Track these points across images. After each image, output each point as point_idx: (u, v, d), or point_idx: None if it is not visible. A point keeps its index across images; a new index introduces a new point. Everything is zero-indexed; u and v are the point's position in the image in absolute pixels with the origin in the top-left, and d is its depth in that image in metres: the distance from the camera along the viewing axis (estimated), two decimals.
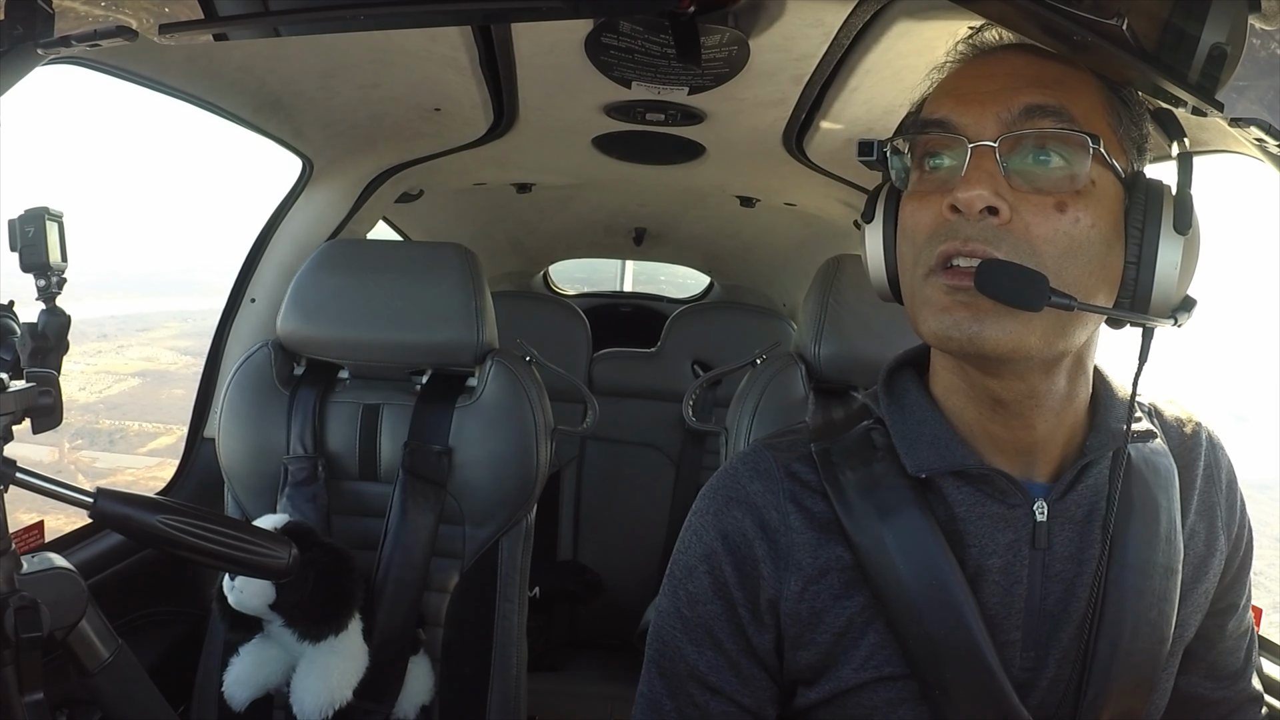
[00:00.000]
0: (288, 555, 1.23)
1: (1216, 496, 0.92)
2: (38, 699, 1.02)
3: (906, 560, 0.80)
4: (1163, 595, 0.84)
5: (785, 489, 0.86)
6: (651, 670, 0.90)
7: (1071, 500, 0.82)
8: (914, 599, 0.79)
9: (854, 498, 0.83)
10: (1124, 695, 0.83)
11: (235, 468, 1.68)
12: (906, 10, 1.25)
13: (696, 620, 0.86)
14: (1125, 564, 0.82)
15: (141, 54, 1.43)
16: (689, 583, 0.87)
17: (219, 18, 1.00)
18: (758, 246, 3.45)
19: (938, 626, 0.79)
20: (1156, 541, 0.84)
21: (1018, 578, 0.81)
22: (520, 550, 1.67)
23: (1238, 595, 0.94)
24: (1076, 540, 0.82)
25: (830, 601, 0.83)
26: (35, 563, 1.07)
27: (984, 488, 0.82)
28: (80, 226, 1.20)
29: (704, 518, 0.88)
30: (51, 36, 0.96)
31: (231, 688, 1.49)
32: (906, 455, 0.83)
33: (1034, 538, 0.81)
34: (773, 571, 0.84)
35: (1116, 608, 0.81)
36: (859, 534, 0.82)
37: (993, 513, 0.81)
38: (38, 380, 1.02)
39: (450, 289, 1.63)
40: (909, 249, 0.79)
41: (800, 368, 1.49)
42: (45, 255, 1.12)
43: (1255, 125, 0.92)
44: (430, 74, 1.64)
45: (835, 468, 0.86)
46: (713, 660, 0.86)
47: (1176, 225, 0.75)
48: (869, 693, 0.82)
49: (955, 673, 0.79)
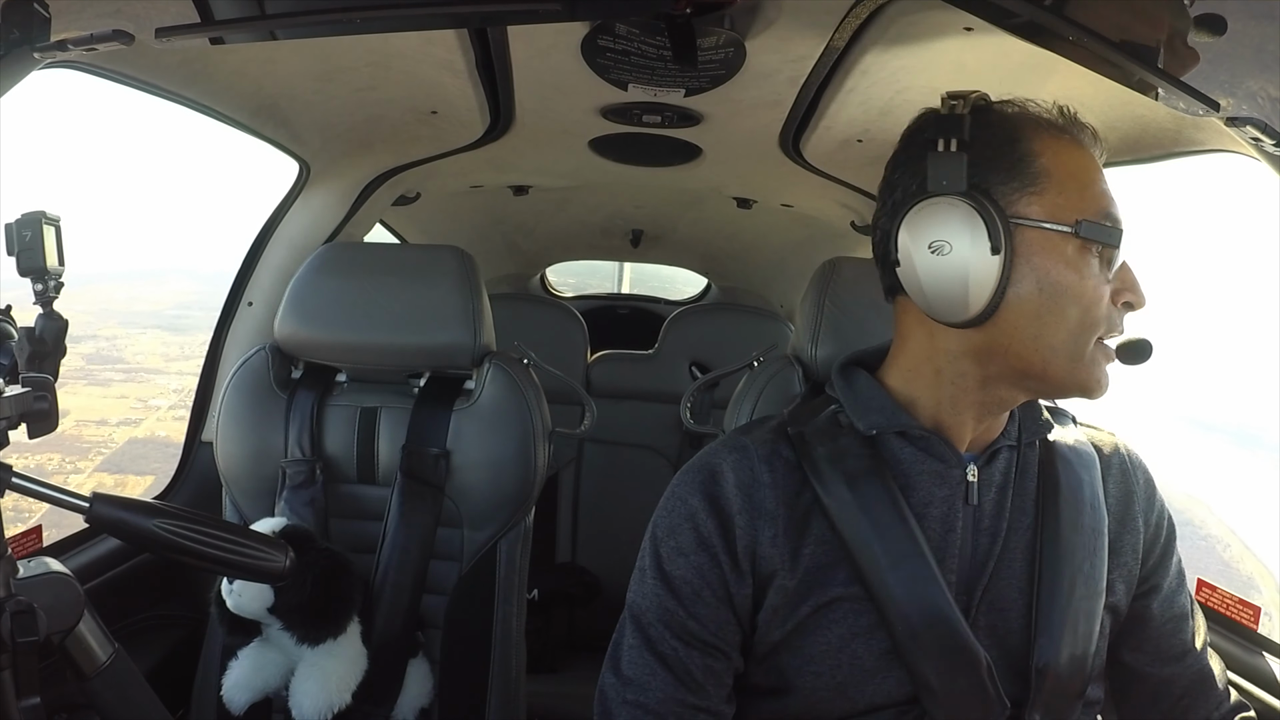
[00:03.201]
0: (284, 558, 1.23)
1: (1134, 487, 1.07)
2: (34, 704, 1.01)
3: (869, 516, 0.93)
4: (1094, 551, 0.99)
5: (760, 456, 0.99)
6: (628, 629, 0.99)
7: (994, 468, 0.98)
8: (874, 545, 0.92)
9: (824, 468, 0.97)
10: (1070, 643, 0.95)
11: (233, 471, 1.67)
12: (902, 11, 1.25)
13: (678, 573, 0.96)
14: (1058, 525, 0.98)
15: (138, 58, 1.43)
16: (672, 539, 0.98)
17: (215, 21, 1.00)
18: (755, 248, 3.45)
19: (895, 567, 0.92)
20: (1083, 507, 0.99)
21: (952, 526, 0.95)
22: (519, 552, 1.67)
23: (1161, 578, 1.06)
24: (999, 501, 0.98)
25: (795, 549, 0.95)
26: (31, 567, 1.06)
27: (924, 447, 0.97)
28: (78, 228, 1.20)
29: (686, 487, 0.99)
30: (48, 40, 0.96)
31: (230, 692, 1.49)
32: (859, 419, 0.99)
33: (966, 495, 0.96)
34: (748, 522, 0.95)
35: (1054, 560, 0.96)
36: (828, 496, 0.95)
37: (932, 469, 0.96)
38: (34, 385, 1.02)
39: (447, 292, 1.63)
40: (1076, 313, 0.88)
41: (797, 370, 1.49)
42: (42, 259, 1.11)
43: (1251, 125, 0.92)
44: (426, 77, 1.65)
45: (809, 445, 0.99)
46: (693, 609, 0.95)
47: None
48: (826, 625, 0.94)
49: (915, 607, 0.91)
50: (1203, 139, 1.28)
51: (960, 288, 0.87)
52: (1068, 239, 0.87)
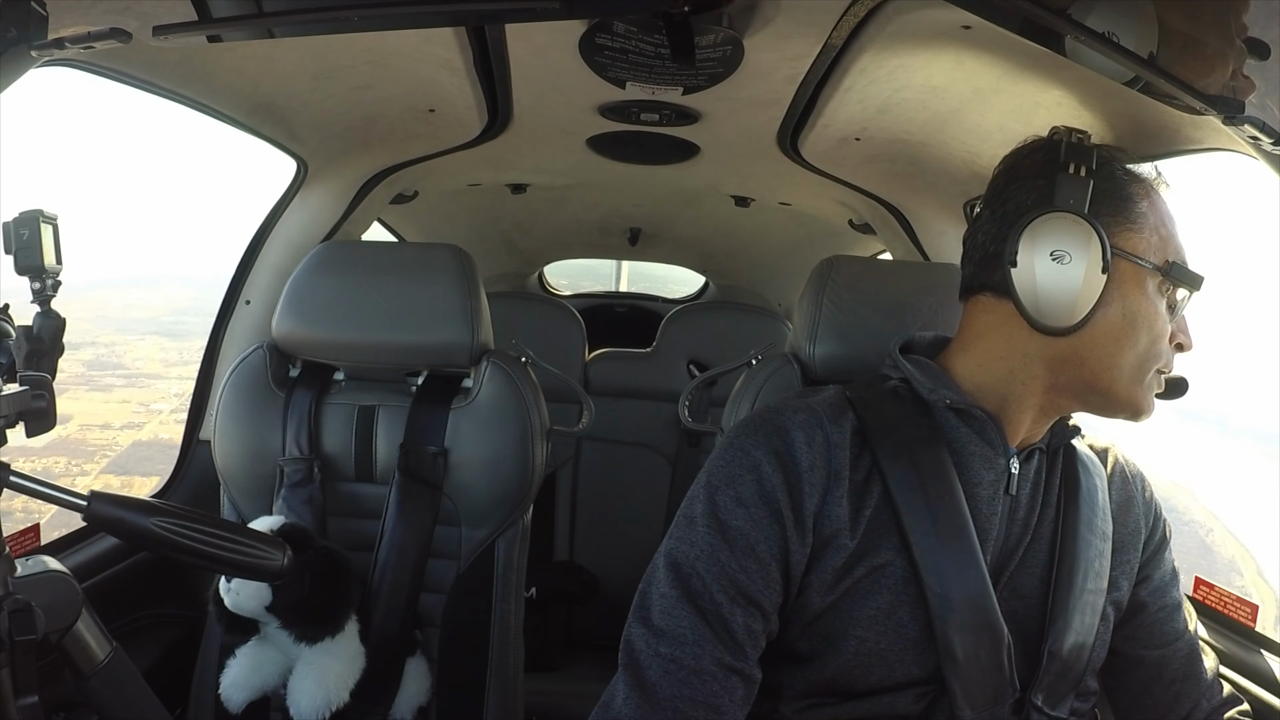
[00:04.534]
0: (282, 557, 1.23)
1: (1134, 491, 1.16)
2: (32, 702, 1.01)
3: (926, 482, 0.98)
4: (1101, 552, 1.07)
5: (829, 417, 1.02)
6: (662, 577, 0.97)
7: (1029, 467, 1.05)
8: (927, 513, 0.97)
9: (885, 434, 1.01)
10: (1079, 629, 1.03)
11: (231, 470, 1.67)
12: (900, 9, 1.25)
13: (735, 524, 0.96)
14: (1076, 523, 1.05)
15: (135, 56, 1.43)
16: (730, 489, 0.97)
17: (212, 19, 1.00)
18: (753, 246, 3.45)
19: (946, 534, 0.97)
20: (1096, 510, 1.08)
21: (994, 510, 1.02)
22: (516, 551, 1.67)
23: (1153, 569, 1.14)
24: (1032, 496, 1.05)
25: (856, 511, 0.98)
26: (30, 565, 1.06)
27: (979, 430, 1.02)
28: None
29: (750, 439, 1.00)
30: (45, 39, 0.96)
31: (228, 690, 1.49)
32: (929, 391, 1.03)
33: (1008, 484, 1.03)
34: (820, 479, 0.97)
35: (1071, 555, 1.04)
36: (887, 460, 1.00)
37: (982, 452, 1.02)
38: (32, 384, 1.02)
39: (445, 290, 1.63)
40: (1147, 341, 0.98)
41: (796, 367, 1.49)
42: (40, 258, 1.12)
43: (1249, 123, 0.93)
44: (424, 75, 1.64)
45: (869, 407, 1.04)
46: (745, 563, 0.95)
47: None
48: (875, 590, 0.97)
49: (956, 578, 0.96)
50: (1201, 138, 1.28)
51: (1069, 296, 0.95)
52: (1153, 276, 0.98)
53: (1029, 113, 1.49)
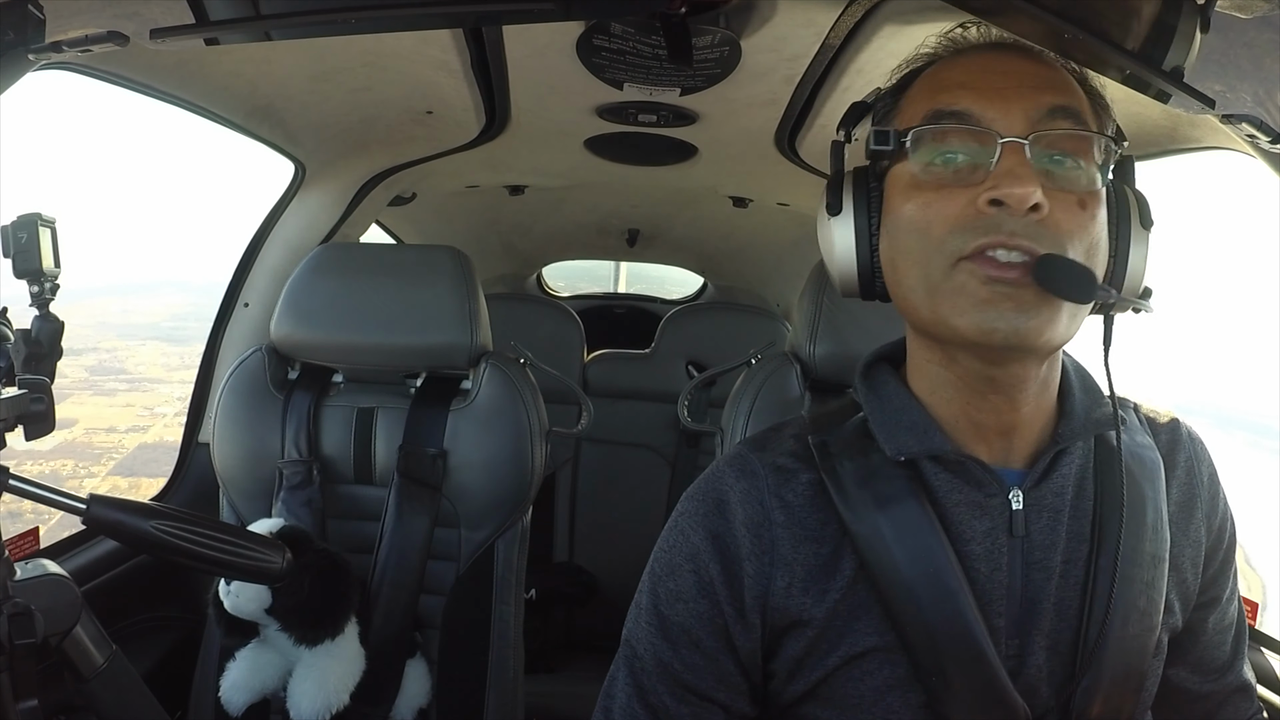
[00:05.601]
0: (281, 559, 1.23)
1: (1198, 489, 0.93)
2: (32, 706, 1.01)
3: (904, 548, 0.81)
4: (1151, 583, 0.85)
5: (770, 486, 0.87)
6: (622, 671, 0.90)
7: (1047, 489, 0.84)
8: (911, 585, 0.80)
9: (852, 487, 0.84)
10: (1116, 683, 0.84)
11: (230, 472, 1.67)
12: (898, 9, 1.25)
13: (675, 619, 0.87)
14: (1116, 555, 0.83)
15: (133, 59, 1.43)
16: (670, 581, 0.88)
17: (210, 22, 1.00)
18: (751, 247, 3.45)
19: (934, 612, 0.80)
20: (1144, 530, 0.85)
21: (998, 564, 0.82)
22: (516, 552, 1.67)
23: (1221, 588, 0.95)
24: (1055, 528, 0.84)
25: (820, 595, 0.84)
26: (29, 569, 1.06)
27: (960, 474, 0.83)
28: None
29: (690, 519, 0.89)
30: (43, 42, 0.96)
31: (228, 693, 1.49)
32: (886, 441, 0.85)
33: (1011, 526, 0.83)
34: (758, 569, 0.85)
35: (1104, 596, 0.82)
36: (857, 523, 0.83)
37: (970, 499, 0.83)
38: (30, 387, 1.02)
39: (444, 292, 1.63)
40: (917, 242, 0.79)
41: (795, 367, 1.49)
42: (38, 261, 1.12)
43: (1247, 122, 0.93)
44: (422, 77, 1.64)
45: (833, 458, 0.87)
46: (689, 659, 0.86)
47: (1142, 221, 0.82)
48: (858, 677, 0.83)
49: (952, 657, 0.79)
50: (1199, 136, 1.28)
51: (840, 249, 0.91)
52: (904, 164, 0.83)
53: None
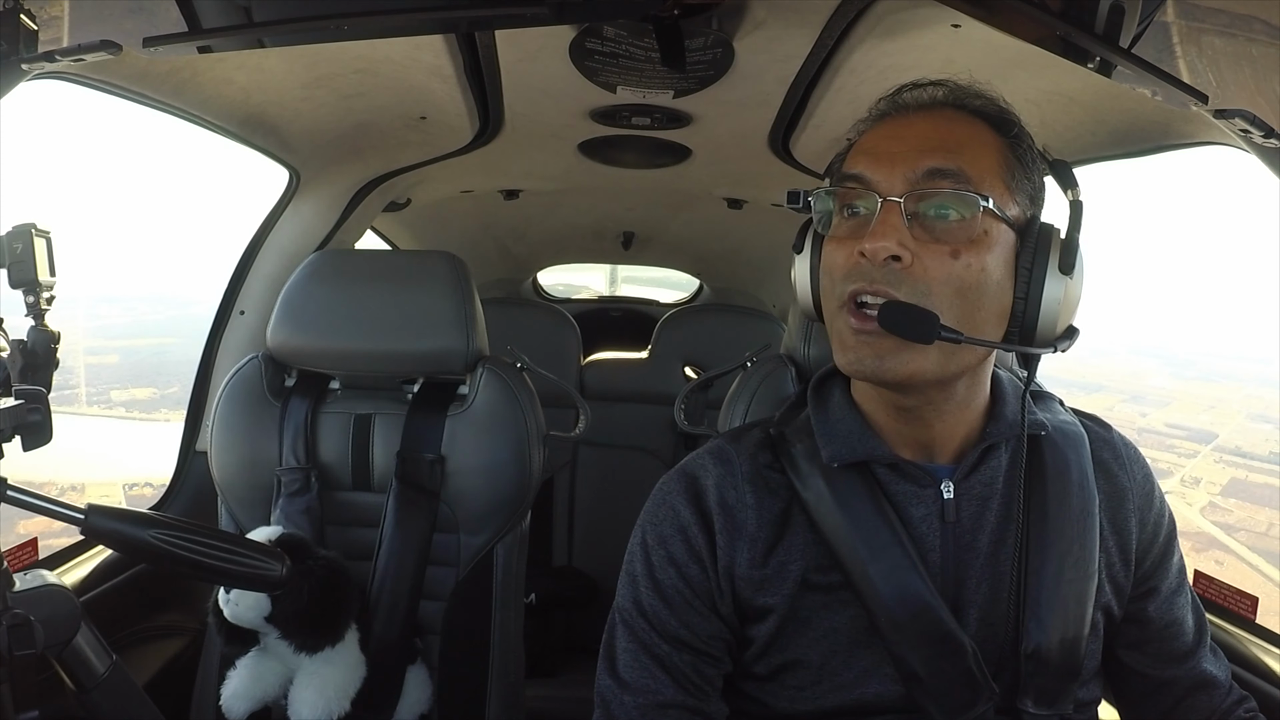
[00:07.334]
0: (281, 567, 1.23)
1: (1130, 485, 1.04)
2: (32, 717, 1.01)
3: (846, 507, 0.95)
4: (1083, 532, 0.97)
5: (744, 474, 1.01)
6: (620, 631, 1.01)
7: (976, 480, 0.97)
8: (853, 536, 0.94)
9: (802, 464, 0.99)
10: (1063, 621, 0.95)
11: (228, 480, 1.67)
12: (890, 9, 1.26)
13: (669, 582, 0.99)
14: (1044, 508, 0.97)
15: (126, 68, 1.43)
16: (663, 548, 1.00)
17: (202, 30, 1.00)
18: (746, 248, 3.45)
19: (873, 554, 0.93)
20: (1070, 487, 0.98)
21: (931, 545, 0.95)
22: (515, 557, 1.67)
23: (1160, 580, 1.04)
24: (983, 514, 0.97)
25: (783, 563, 0.97)
26: (28, 580, 1.06)
27: (897, 471, 0.97)
28: None
29: (676, 496, 1.01)
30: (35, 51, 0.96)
31: (229, 701, 1.48)
32: (823, 448, 0.98)
33: (943, 512, 0.96)
34: (728, 541, 0.97)
35: (1040, 546, 0.96)
36: (806, 491, 0.97)
37: (907, 490, 0.97)
38: (27, 397, 1.02)
39: (440, 297, 1.63)
40: (828, 283, 0.94)
41: (790, 369, 1.49)
42: (34, 271, 1.12)
43: (1239, 117, 0.93)
44: (415, 82, 1.65)
45: (788, 443, 1.02)
46: (685, 616, 0.98)
47: (1061, 266, 0.89)
48: (810, 614, 0.96)
49: (890, 588, 0.92)
50: (1192, 131, 1.29)
51: (794, 285, 1.03)
52: (818, 223, 0.98)
53: (1018, 110, 1.50)
